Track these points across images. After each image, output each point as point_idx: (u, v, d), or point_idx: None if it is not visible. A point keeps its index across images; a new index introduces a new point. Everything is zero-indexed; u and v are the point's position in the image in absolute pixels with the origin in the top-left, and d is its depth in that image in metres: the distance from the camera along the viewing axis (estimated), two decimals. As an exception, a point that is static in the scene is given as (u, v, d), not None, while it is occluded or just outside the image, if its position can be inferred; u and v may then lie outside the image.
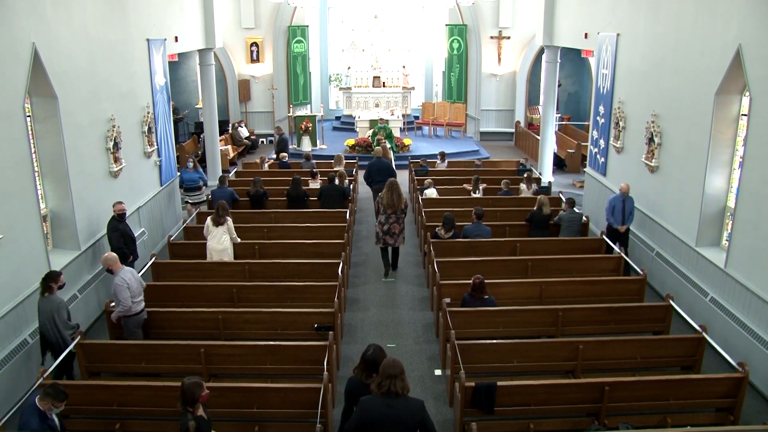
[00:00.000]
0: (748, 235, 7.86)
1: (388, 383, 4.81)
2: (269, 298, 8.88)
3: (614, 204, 10.58)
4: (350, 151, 19.29)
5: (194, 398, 5.10)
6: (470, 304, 8.08)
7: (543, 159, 17.36)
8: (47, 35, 8.26)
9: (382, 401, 4.82)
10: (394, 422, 4.80)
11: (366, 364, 5.42)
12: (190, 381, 5.15)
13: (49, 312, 7.09)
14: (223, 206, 9.99)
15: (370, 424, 4.82)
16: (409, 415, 4.85)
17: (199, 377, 5.36)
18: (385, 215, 10.49)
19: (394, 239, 10.61)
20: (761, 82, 7.51)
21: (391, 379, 4.82)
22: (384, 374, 4.87)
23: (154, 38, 12.22)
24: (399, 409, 4.82)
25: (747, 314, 7.87)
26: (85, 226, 9.29)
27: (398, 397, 4.82)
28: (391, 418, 4.80)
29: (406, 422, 4.82)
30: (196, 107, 21.26)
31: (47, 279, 7.18)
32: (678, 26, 9.57)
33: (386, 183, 10.60)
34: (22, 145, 7.70)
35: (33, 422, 5.33)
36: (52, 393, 5.42)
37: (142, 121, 11.64)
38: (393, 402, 4.81)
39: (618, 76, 12.05)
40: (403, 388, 4.85)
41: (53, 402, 5.43)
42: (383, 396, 4.82)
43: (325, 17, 24.45)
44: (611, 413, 6.59)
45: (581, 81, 22.68)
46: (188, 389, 5.10)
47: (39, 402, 5.43)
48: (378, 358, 5.33)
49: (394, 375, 4.83)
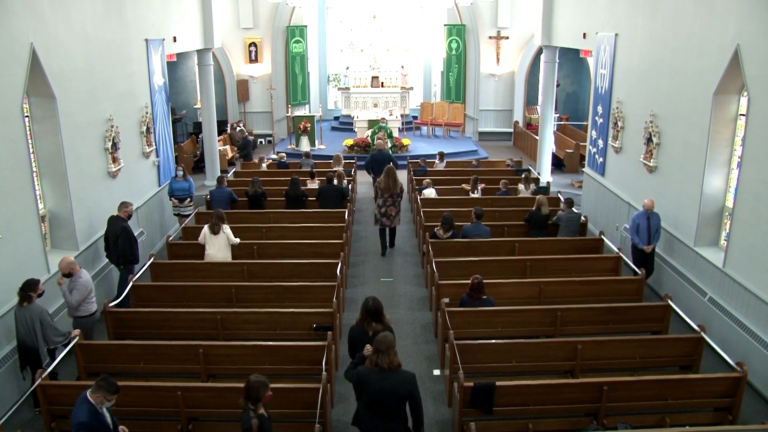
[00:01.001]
0: (746, 234, 7.87)
1: (377, 358, 5.29)
2: (268, 298, 8.88)
3: (638, 222, 9.68)
4: (349, 151, 19.28)
5: (258, 397, 5.17)
6: (469, 304, 8.08)
7: (541, 159, 17.37)
8: (45, 35, 8.25)
9: (376, 374, 5.30)
10: (387, 393, 5.30)
11: (366, 314, 6.20)
12: (256, 379, 5.22)
13: (30, 321, 6.92)
14: (218, 215, 9.82)
15: (367, 394, 5.38)
16: (400, 387, 5.32)
17: (266, 378, 5.36)
18: (383, 198, 11.57)
19: (390, 220, 11.70)
20: (759, 82, 7.52)
21: (379, 355, 5.29)
22: (376, 349, 5.34)
23: (153, 38, 12.21)
24: (391, 381, 5.29)
25: (745, 314, 7.89)
26: (83, 227, 9.28)
27: (390, 370, 5.25)
28: (384, 389, 5.30)
29: (397, 393, 5.31)
30: (195, 107, 21.25)
31: (26, 288, 6.97)
32: (676, 26, 9.58)
33: (384, 169, 11.65)
34: (21, 145, 7.69)
35: (82, 415, 5.23)
36: (104, 386, 5.31)
37: (141, 121, 11.63)
38: (386, 375, 5.27)
39: (616, 76, 12.06)
40: (389, 364, 5.26)
41: (105, 395, 5.31)
42: (376, 369, 5.30)
43: (323, 17, 24.44)
44: (610, 413, 6.59)
45: (580, 81, 22.70)
46: (253, 387, 5.18)
47: (91, 395, 5.31)
48: (378, 308, 6.19)
49: (381, 350, 5.30)
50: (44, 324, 7.00)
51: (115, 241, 9.33)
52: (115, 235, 9.31)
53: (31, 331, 6.95)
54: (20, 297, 6.99)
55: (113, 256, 9.53)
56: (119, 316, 8.23)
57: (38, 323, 6.96)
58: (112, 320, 8.17)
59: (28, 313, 6.95)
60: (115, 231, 9.31)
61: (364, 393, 5.44)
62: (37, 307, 7.04)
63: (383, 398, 5.33)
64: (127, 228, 9.42)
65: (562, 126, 21.48)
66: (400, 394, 5.32)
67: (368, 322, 6.22)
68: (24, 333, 6.97)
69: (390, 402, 5.34)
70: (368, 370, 5.38)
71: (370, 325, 6.17)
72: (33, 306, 6.99)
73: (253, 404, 5.19)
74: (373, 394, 5.35)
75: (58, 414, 6.58)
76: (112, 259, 9.60)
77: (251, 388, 5.19)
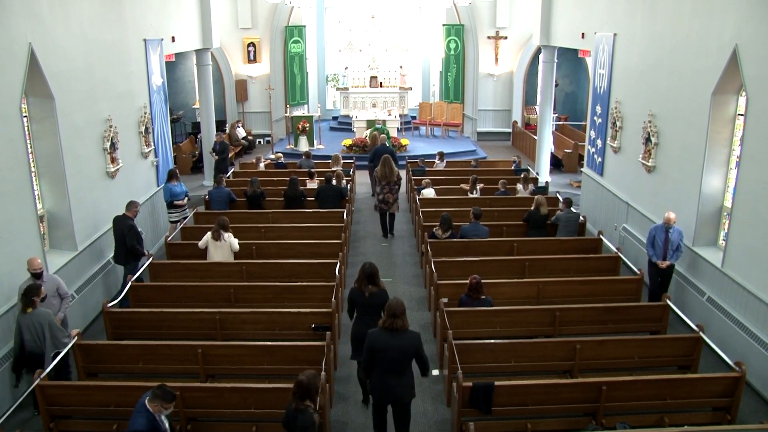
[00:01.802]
0: (744, 234, 7.88)
1: (391, 321, 5.98)
2: (267, 298, 8.88)
3: (654, 234, 9.07)
4: (347, 151, 19.28)
5: (317, 389, 5.30)
6: (467, 304, 8.08)
7: (540, 159, 17.39)
8: (44, 35, 8.24)
9: (387, 333, 6.01)
10: (396, 350, 5.99)
11: (364, 276, 7.04)
12: (309, 375, 5.28)
13: (39, 327, 6.84)
14: (221, 223, 9.73)
15: (377, 350, 6.00)
16: (408, 345, 6.03)
17: (315, 372, 5.39)
18: (380, 186, 12.52)
19: (388, 206, 12.66)
20: (757, 82, 7.53)
21: (393, 318, 5.98)
22: (389, 313, 6.02)
23: (151, 38, 12.21)
24: (400, 339, 6.00)
25: (744, 314, 7.89)
26: (82, 227, 9.27)
27: (399, 330, 5.98)
28: (393, 346, 5.99)
29: (405, 350, 6.02)
30: (193, 107, 21.25)
31: (30, 294, 6.86)
32: (675, 26, 9.59)
33: (381, 159, 12.56)
34: (19, 145, 7.68)
35: (140, 423, 5.23)
36: (161, 395, 5.29)
37: (139, 121, 11.63)
38: (395, 334, 5.99)
39: (615, 76, 12.07)
40: (402, 326, 6.01)
41: (162, 403, 5.30)
42: (388, 330, 5.99)
43: (322, 17, 24.44)
44: (608, 413, 6.59)
45: (578, 81, 22.71)
46: (311, 382, 5.26)
47: (148, 403, 5.31)
48: (373, 272, 7.06)
49: (396, 315, 6.00)
50: (52, 327, 6.94)
51: (122, 239, 9.47)
52: (122, 234, 9.46)
53: (39, 337, 6.87)
54: (24, 303, 6.87)
55: (120, 256, 9.65)
56: (118, 316, 8.22)
57: (47, 327, 6.88)
58: (111, 320, 8.15)
59: (35, 318, 6.86)
60: (122, 229, 9.47)
61: (377, 352, 6.02)
62: (43, 312, 6.98)
63: (394, 355, 5.99)
64: (134, 226, 9.62)
65: (560, 126, 21.50)
66: (408, 352, 6.03)
67: (365, 284, 7.06)
68: (30, 340, 6.87)
69: (399, 358, 6.03)
70: (380, 331, 6.05)
71: (367, 287, 7.05)
72: (38, 311, 6.91)
73: (312, 400, 5.25)
74: (385, 353, 5.99)
75: (57, 414, 6.57)
76: (119, 258, 9.71)
77: (309, 385, 5.27)
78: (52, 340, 6.95)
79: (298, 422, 5.22)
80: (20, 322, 6.91)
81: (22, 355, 6.97)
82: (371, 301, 7.02)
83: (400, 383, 6.10)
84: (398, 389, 6.10)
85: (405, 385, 6.14)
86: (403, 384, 6.12)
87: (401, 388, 6.11)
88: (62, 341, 7.04)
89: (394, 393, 6.12)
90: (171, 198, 11.92)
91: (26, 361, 6.96)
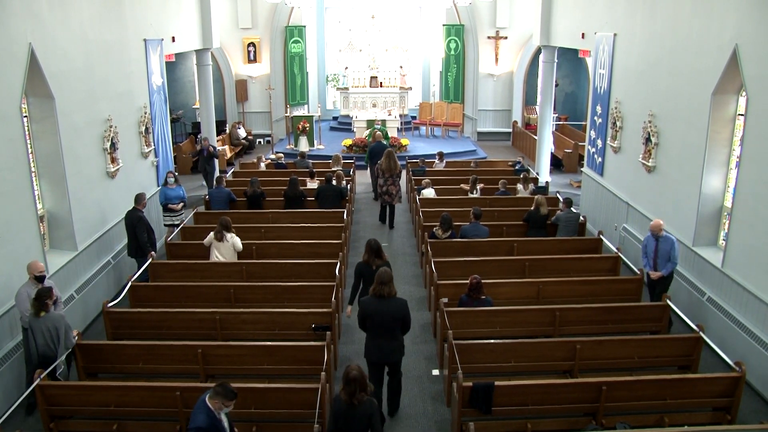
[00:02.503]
0: (744, 234, 7.87)
1: (380, 288, 6.65)
2: (267, 298, 8.88)
3: (646, 243, 8.89)
4: (348, 151, 19.28)
5: (366, 379, 5.50)
6: (467, 304, 8.08)
7: (540, 159, 17.39)
8: (44, 35, 8.24)
9: (377, 300, 6.68)
10: (384, 315, 6.66)
11: (371, 251, 7.82)
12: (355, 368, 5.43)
13: (54, 330, 6.81)
14: (224, 223, 9.72)
15: (369, 316, 6.69)
16: (395, 310, 6.70)
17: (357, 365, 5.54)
18: (383, 178, 13.16)
19: (391, 198, 13.26)
20: (758, 82, 7.53)
21: (381, 285, 6.65)
22: (378, 281, 6.69)
23: (151, 38, 12.22)
24: (388, 305, 6.68)
25: (744, 314, 7.89)
26: (82, 227, 9.27)
27: (388, 297, 6.65)
28: (382, 312, 6.66)
29: (393, 315, 6.68)
30: (193, 107, 21.25)
31: (44, 297, 6.82)
32: (675, 26, 9.59)
33: (384, 152, 13.33)
34: (19, 145, 7.68)
35: (200, 419, 5.22)
36: (222, 392, 5.26)
37: (139, 121, 11.63)
38: (384, 301, 6.66)
39: (615, 76, 12.07)
40: (389, 293, 6.66)
41: (223, 401, 5.27)
42: (377, 297, 6.67)
43: (322, 17, 24.44)
44: (608, 413, 6.59)
45: (578, 81, 22.71)
46: (362, 374, 5.43)
47: (209, 401, 5.28)
48: (379, 246, 7.86)
49: (384, 282, 6.66)
50: (67, 329, 6.94)
51: (133, 232, 9.81)
52: (132, 227, 9.79)
53: (54, 339, 6.84)
54: (37, 308, 6.81)
55: (132, 249, 10.01)
56: (118, 316, 8.22)
57: (62, 330, 6.87)
58: (111, 320, 8.15)
59: (49, 322, 6.82)
60: (132, 221, 9.84)
61: (368, 318, 6.72)
62: (57, 315, 6.97)
63: (383, 320, 6.66)
64: (143, 218, 9.92)
65: (560, 126, 21.50)
66: (395, 316, 6.68)
67: (372, 258, 7.81)
68: (44, 344, 6.82)
69: (388, 322, 6.68)
70: (371, 298, 6.74)
71: (374, 261, 7.80)
72: (52, 314, 6.89)
73: (364, 390, 5.41)
74: (375, 317, 6.67)
75: (57, 414, 6.58)
76: (131, 251, 10.04)
77: (363, 377, 5.43)
78: (65, 342, 6.95)
79: (358, 413, 5.34)
80: (32, 326, 6.83)
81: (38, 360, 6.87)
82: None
83: (391, 345, 6.78)
84: (389, 350, 6.79)
85: (395, 346, 6.82)
86: (394, 345, 6.80)
87: (392, 348, 6.80)
88: (72, 341, 7.07)
89: (386, 353, 6.79)
90: (165, 201, 11.83)
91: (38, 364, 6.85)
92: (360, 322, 6.91)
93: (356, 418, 5.37)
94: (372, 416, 5.41)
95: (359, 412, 5.36)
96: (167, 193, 11.77)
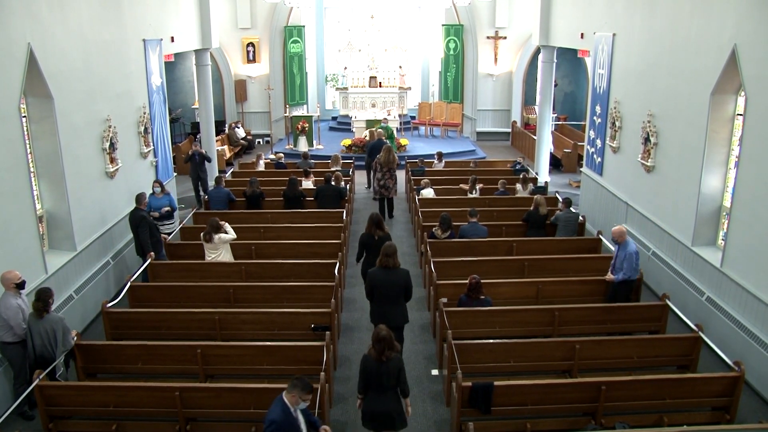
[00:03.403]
0: (743, 234, 7.88)
1: (385, 260, 7.33)
2: (266, 298, 8.87)
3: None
4: (347, 151, 19.27)
5: (393, 339, 6.01)
6: (467, 304, 8.08)
7: (539, 159, 17.39)
8: (43, 35, 8.24)
9: (382, 271, 7.38)
10: (390, 284, 7.36)
11: (373, 224, 8.78)
12: (382, 328, 5.98)
13: (51, 332, 6.80)
14: (212, 224, 9.70)
15: (376, 286, 7.39)
16: (399, 279, 7.38)
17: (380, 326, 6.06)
18: (381, 172, 13.54)
19: (388, 191, 13.66)
20: (756, 82, 7.54)
21: (387, 257, 7.33)
22: (383, 254, 7.36)
23: (150, 38, 12.21)
24: (393, 275, 7.37)
25: (743, 313, 7.90)
26: (81, 227, 9.27)
27: (392, 268, 7.34)
28: (388, 281, 7.36)
29: (397, 284, 7.38)
30: (193, 107, 21.24)
31: (46, 297, 6.79)
32: (674, 26, 9.59)
33: (383, 147, 13.87)
34: (18, 145, 7.68)
35: (275, 413, 5.22)
36: (300, 385, 5.26)
37: (139, 121, 11.62)
38: (389, 271, 7.36)
39: (614, 76, 12.07)
40: (394, 264, 7.36)
41: (301, 395, 5.25)
42: (383, 268, 7.36)
43: (321, 17, 24.42)
44: (608, 413, 6.60)
45: (577, 81, 22.72)
46: (389, 333, 5.94)
47: (286, 395, 5.27)
48: (380, 219, 8.86)
49: (389, 254, 7.35)
50: (65, 331, 6.93)
51: (135, 231, 9.88)
52: (135, 225, 9.83)
53: (51, 341, 6.83)
54: (39, 309, 6.77)
55: (139, 249, 10.06)
56: (117, 316, 8.22)
57: (60, 332, 6.85)
58: (110, 321, 8.15)
59: (48, 324, 6.80)
60: (135, 221, 9.87)
61: (375, 288, 7.40)
62: (56, 317, 6.95)
63: (388, 289, 7.35)
64: (146, 217, 9.93)
65: (559, 126, 21.51)
66: (399, 285, 7.36)
67: (374, 229, 8.75)
68: (41, 345, 6.81)
69: (393, 291, 7.37)
70: (378, 269, 7.42)
71: (375, 231, 8.74)
72: (51, 316, 6.87)
73: (391, 348, 5.91)
74: (380, 287, 7.36)
75: (56, 415, 6.57)
76: (138, 251, 10.11)
77: (390, 337, 5.93)
78: (63, 344, 6.94)
79: (388, 369, 5.89)
80: (31, 327, 6.82)
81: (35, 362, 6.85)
82: (379, 243, 8.22)
83: (395, 310, 7.44)
84: (393, 315, 7.39)
85: (399, 312, 7.49)
86: (397, 311, 7.47)
87: (395, 314, 7.44)
88: (70, 342, 7.06)
89: (390, 318, 7.24)
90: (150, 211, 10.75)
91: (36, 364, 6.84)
92: (368, 292, 7.58)
93: (386, 373, 5.89)
94: (400, 370, 5.98)
95: (389, 368, 5.90)
96: (151, 203, 11.01)
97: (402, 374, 6.00)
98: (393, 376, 5.92)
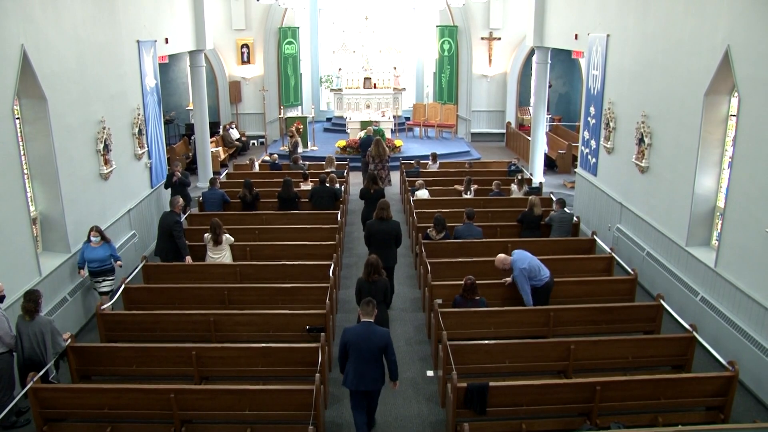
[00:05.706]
0: (737, 234, 7.91)
1: (380, 212, 9.29)
2: (261, 299, 8.86)
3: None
4: (341, 153, 19.27)
5: (380, 265, 7.90)
6: (462, 305, 8.09)
7: (534, 160, 17.44)
8: (36, 37, 8.21)
9: (378, 222, 9.29)
10: (384, 233, 9.28)
11: (370, 180, 11.50)
12: (372, 257, 7.89)
13: (40, 334, 6.72)
14: (218, 225, 9.75)
15: (373, 234, 9.31)
16: (391, 229, 9.32)
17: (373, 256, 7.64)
18: (374, 164, 14.91)
19: (381, 182, 13.93)
20: (750, 83, 7.57)
21: (382, 210, 9.29)
22: (379, 208, 9.33)
23: (144, 40, 12.17)
24: (386, 225, 9.29)
25: (737, 313, 7.93)
26: (75, 229, 9.22)
27: (386, 219, 9.28)
28: (382, 230, 9.29)
29: (390, 233, 9.30)
30: (187, 109, 21.19)
31: (35, 299, 6.70)
32: (667, 27, 9.63)
33: (374, 140, 15.29)
34: (11, 147, 7.65)
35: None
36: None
37: (133, 123, 11.59)
38: (384, 222, 9.27)
39: (608, 77, 12.12)
40: (388, 216, 9.31)
41: None
42: (379, 219, 9.27)
43: (315, 19, 24.41)
44: (603, 413, 6.62)
45: (572, 82, 22.78)
46: (378, 260, 7.81)
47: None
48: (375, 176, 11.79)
49: (384, 208, 9.30)
50: (54, 333, 6.86)
51: (166, 235, 9.95)
52: (168, 229, 9.99)
53: (40, 344, 6.75)
54: (28, 311, 6.69)
55: (162, 251, 10.13)
56: (111, 318, 8.19)
57: (48, 335, 6.79)
58: (105, 323, 8.12)
59: (37, 326, 6.73)
60: (169, 224, 10.01)
61: (371, 235, 9.30)
62: (45, 319, 6.88)
63: (382, 235, 9.26)
64: (180, 221, 10.12)
65: (554, 127, 21.56)
66: (391, 233, 9.29)
67: (371, 184, 11.44)
68: (29, 348, 6.73)
69: (386, 238, 9.27)
70: (375, 221, 9.33)
71: (372, 186, 11.29)
72: (40, 319, 6.80)
73: (377, 273, 7.71)
74: (376, 234, 9.26)
75: (50, 417, 6.54)
76: (160, 252, 10.18)
77: (377, 263, 7.73)
78: (53, 346, 6.88)
79: (376, 287, 7.64)
80: (20, 330, 6.75)
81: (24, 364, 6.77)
82: (375, 196, 11.04)
83: (388, 253, 9.28)
84: (386, 257, 9.02)
85: (390, 254, 9.37)
86: (390, 254, 9.33)
87: (388, 256, 9.23)
88: (61, 344, 7.00)
89: (383, 259, 8.44)
90: (82, 263, 9.00)
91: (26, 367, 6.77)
92: (366, 239, 9.48)
93: (374, 290, 7.61)
94: (386, 288, 7.85)
95: (377, 286, 7.69)
96: (86, 255, 8.99)
97: (387, 291, 7.89)
98: (380, 292, 7.66)
